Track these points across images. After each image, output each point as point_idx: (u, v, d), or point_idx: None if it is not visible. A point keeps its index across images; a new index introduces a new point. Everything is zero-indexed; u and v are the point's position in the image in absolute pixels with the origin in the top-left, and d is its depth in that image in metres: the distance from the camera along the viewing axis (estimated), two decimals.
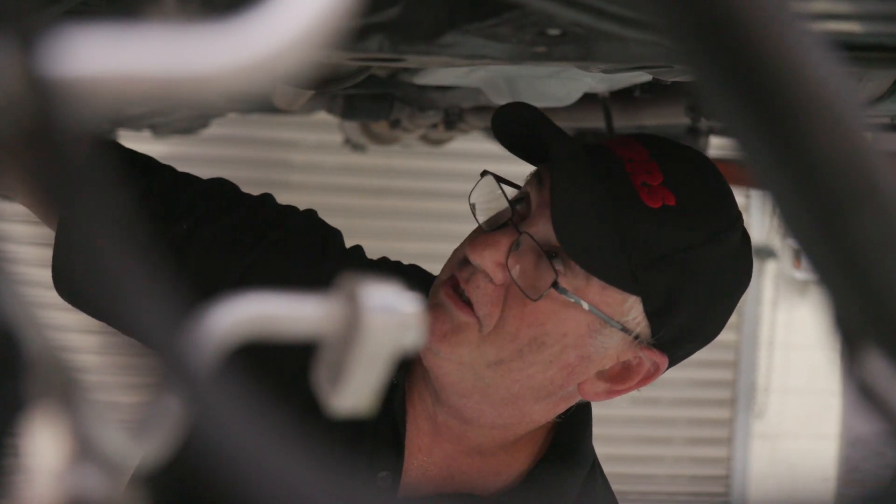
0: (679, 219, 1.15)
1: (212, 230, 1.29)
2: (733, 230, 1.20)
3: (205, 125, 3.64)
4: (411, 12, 0.96)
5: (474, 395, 1.20)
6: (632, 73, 1.26)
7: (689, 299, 1.16)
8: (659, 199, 1.15)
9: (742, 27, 0.32)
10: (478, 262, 1.16)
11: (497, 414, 1.22)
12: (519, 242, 1.16)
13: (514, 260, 1.16)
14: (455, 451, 1.27)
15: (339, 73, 1.32)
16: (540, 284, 1.15)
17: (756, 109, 0.32)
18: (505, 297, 1.16)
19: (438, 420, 1.26)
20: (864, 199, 0.32)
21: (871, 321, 0.34)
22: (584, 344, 1.17)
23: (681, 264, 1.15)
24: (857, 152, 0.32)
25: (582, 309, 1.15)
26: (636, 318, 1.16)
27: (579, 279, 1.15)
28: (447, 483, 1.28)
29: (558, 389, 1.20)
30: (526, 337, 1.16)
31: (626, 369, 1.21)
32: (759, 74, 0.32)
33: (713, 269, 1.17)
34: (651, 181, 1.16)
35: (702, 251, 1.16)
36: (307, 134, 5.29)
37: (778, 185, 0.33)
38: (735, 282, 1.22)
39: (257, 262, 1.29)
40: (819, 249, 0.33)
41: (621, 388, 1.21)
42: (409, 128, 2.84)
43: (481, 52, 1.01)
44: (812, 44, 0.33)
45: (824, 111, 0.32)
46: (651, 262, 1.14)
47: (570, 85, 1.92)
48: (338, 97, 2.57)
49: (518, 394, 1.19)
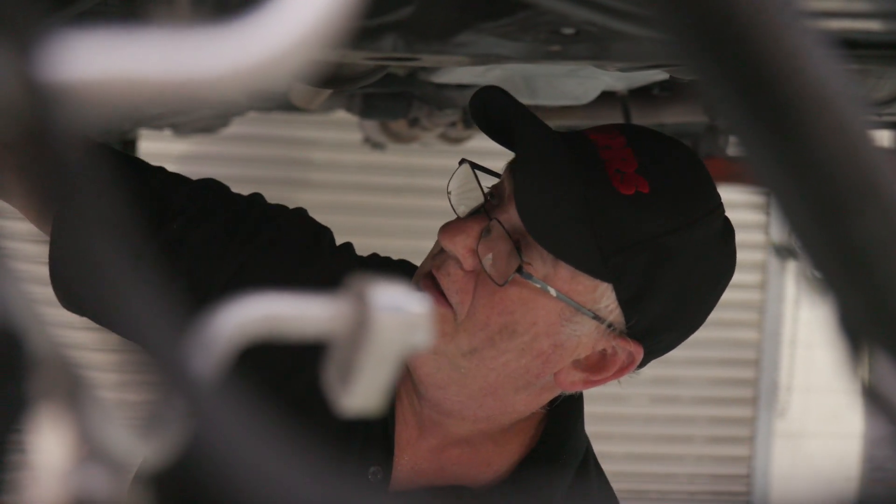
0: (652, 205, 1.14)
1: (204, 230, 1.31)
2: (711, 219, 1.19)
3: (226, 124, 3.65)
4: (425, 11, 0.96)
5: (451, 386, 1.20)
6: (649, 71, 1.26)
7: (662, 287, 1.16)
8: (632, 186, 1.15)
9: (744, 25, 0.32)
10: (449, 247, 1.17)
11: (478, 405, 1.22)
12: (489, 229, 1.16)
13: (486, 247, 1.16)
14: (442, 445, 1.28)
15: (354, 72, 1.33)
16: (507, 271, 1.15)
17: (758, 109, 0.32)
18: (475, 285, 1.17)
19: (423, 415, 1.27)
20: (866, 198, 0.32)
21: (873, 321, 0.34)
22: (557, 332, 1.17)
23: (653, 251, 1.14)
24: (860, 151, 0.32)
25: (550, 296, 1.15)
26: (609, 307, 1.16)
27: (548, 266, 1.15)
28: (438, 476, 1.28)
29: (535, 379, 1.20)
30: (496, 325, 1.16)
31: (603, 359, 1.20)
32: (762, 74, 0.32)
33: (688, 258, 1.16)
34: (625, 168, 1.16)
35: (675, 238, 1.15)
36: (327, 132, 5.30)
37: (781, 185, 0.33)
38: (714, 271, 1.21)
39: (249, 261, 1.30)
40: (822, 249, 0.33)
41: (598, 378, 1.21)
42: (428, 126, 2.85)
43: (495, 52, 1.01)
44: (815, 43, 0.33)
45: (826, 111, 0.32)
46: (622, 247, 1.13)
47: (588, 83, 1.92)
48: (356, 96, 2.58)
49: (495, 384, 1.20)
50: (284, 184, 5.12)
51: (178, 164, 4.48)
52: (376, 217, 5.20)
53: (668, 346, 1.23)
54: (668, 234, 1.15)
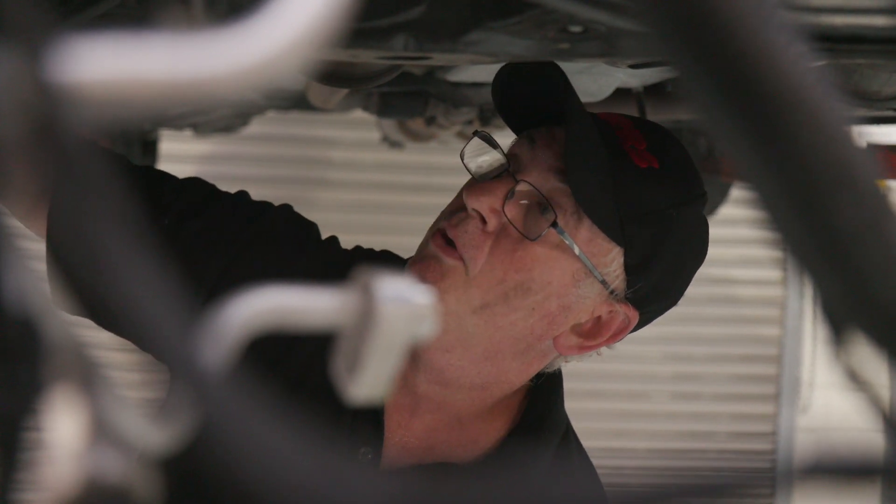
0: (663, 180, 1.25)
1: (193, 226, 1.34)
2: (701, 200, 1.30)
3: (245, 123, 3.67)
4: (436, 11, 0.97)
5: (457, 348, 1.26)
6: (662, 68, 1.28)
7: (663, 258, 1.25)
8: (646, 160, 1.24)
9: (723, 19, 0.33)
10: (475, 206, 1.24)
11: (476, 371, 1.27)
12: (514, 192, 1.24)
13: (510, 207, 1.23)
14: (435, 422, 1.33)
15: (369, 71, 1.35)
16: (536, 229, 1.23)
17: (737, 102, 0.33)
18: (494, 244, 1.23)
19: (419, 392, 1.31)
20: (842, 187, 0.33)
21: (852, 306, 0.35)
22: (567, 293, 1.24)
23: (661, 223, 1.24)
24: (836, 143, 0.34)
25: (571, 255, 1.23)
26: (616, 271, 1.25)
27: (570, 226, 1.23)
28: (427, 454, 1.33)
29: (536, 342, 1.27)
30: (512, 281, 1.22)
31: (598, 325, 1.28)
32: (739, 67, 0.33)
33: (686, 232, 1.27)
34: (638, 145, 1.25)
35: (679, 213, 1.25)
36: (346, 132, 5.31)
37: (759, 176, 0.34)
38: (701, 247, 1.32)
39: (240, 256, 1.33)
40: (801, 238, 0.34)
41: (592, 343, 1.29)
42: (445, 124, 2.86)
43: (506, 50, 1.03)
44: (792, 36, 0.34)
45: (803, 102, 0.33)
46: (637, 216, 1.23)
47: (603, 80, 1.93)
48: (373, 95, 2.59)
49: (498, 345, 1.26)
50: (304, 183, 5.14)
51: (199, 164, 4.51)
52: (395, 215, 5.21)
53: (654, 314, 1.32)
54: (674, 207, 1.25)
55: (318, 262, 1.37)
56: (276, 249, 1.36)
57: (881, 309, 0.37)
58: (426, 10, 0.97)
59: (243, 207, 1.40)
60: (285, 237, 1.38)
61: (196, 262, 1.32)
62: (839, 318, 0.36)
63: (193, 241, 1.33)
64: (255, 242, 1.35)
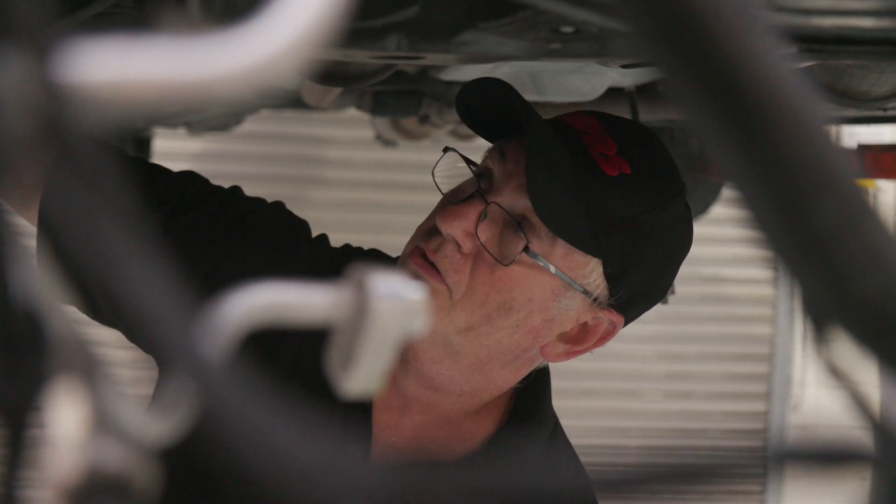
0: (635, 186, 1.23)
1: (187, 219, 1.34)
2: (679, 198, 1.29)
3: (239, 122, 3.67)
4: (428, 11, 0.98)
5: (445, 361, 1.26)
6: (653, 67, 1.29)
7: (643, 261, 1.25)
8: (616, 167, 1.23)
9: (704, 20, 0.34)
10: (449, 231, 1.23)
11: (465, 380, 1.28)
12: (486, 213, 1.23)
13: (482, 229, 1.23)
14: (424, 422, 1.34)
15: (363, 70, 1.36)
16: (510, 251, 1.22)
17: (719, 102, 0.34)
18: (473, 266, 1.23)
19: (408, 393, 1.32)
20: (822, 186, 0.34)
21: (833, 304, 0.36)
22: (549, 307, 1.25)
23: (637, 229, 1.23)
24: (817, 144, 0.35)
25: (548, 273, 1.23)
26: (596, 281, 1.25)
27: (545, 245, 1.23)
28: (415, 454, 1.35)
29: (523, 353, 1.28)
30: (494, 303, 1.23)
31: (584, 330, 1.29)
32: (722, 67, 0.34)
33: (664, 234, 1.26)
34: (607, 151, 1.24)
35: (655, 216, 1.24)
36: (341, 130, 5.31)
37: (742, 176, 0.35)
38: (681, 245, 1.31)
39: (232, 250, 1.34)
40: (782, 238, 0.35)
41: (579, 348, 1.30)
42: (438, 123, 2.87)
43: (498, 50, 1.04)
44: (773, 38, 0.35)
45: (784, 103, 0.34)
46: (611, 226, 1.22)
47: (595, 80, 1.94)
48: (367, 94, 2.60)
49: (486, 359, 1.26)
50: (297, 181, 5.14)
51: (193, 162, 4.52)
52: (389, 213, 5.22)
53: (639, 313, 1.33)
54: (649, 212, 1.24)
55: (308, 260, 1.38)
56: (267, 246, 1.37)
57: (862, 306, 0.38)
58: (419, 11, 0.98)
59: (236, 203, 1.40)
60: (276, 234, 1.39)
61: (187, 257, 1.33)
62: (821, 315, 0.37)
63: (185, 235, 1.34)
64: (248, 238, 1.36)
